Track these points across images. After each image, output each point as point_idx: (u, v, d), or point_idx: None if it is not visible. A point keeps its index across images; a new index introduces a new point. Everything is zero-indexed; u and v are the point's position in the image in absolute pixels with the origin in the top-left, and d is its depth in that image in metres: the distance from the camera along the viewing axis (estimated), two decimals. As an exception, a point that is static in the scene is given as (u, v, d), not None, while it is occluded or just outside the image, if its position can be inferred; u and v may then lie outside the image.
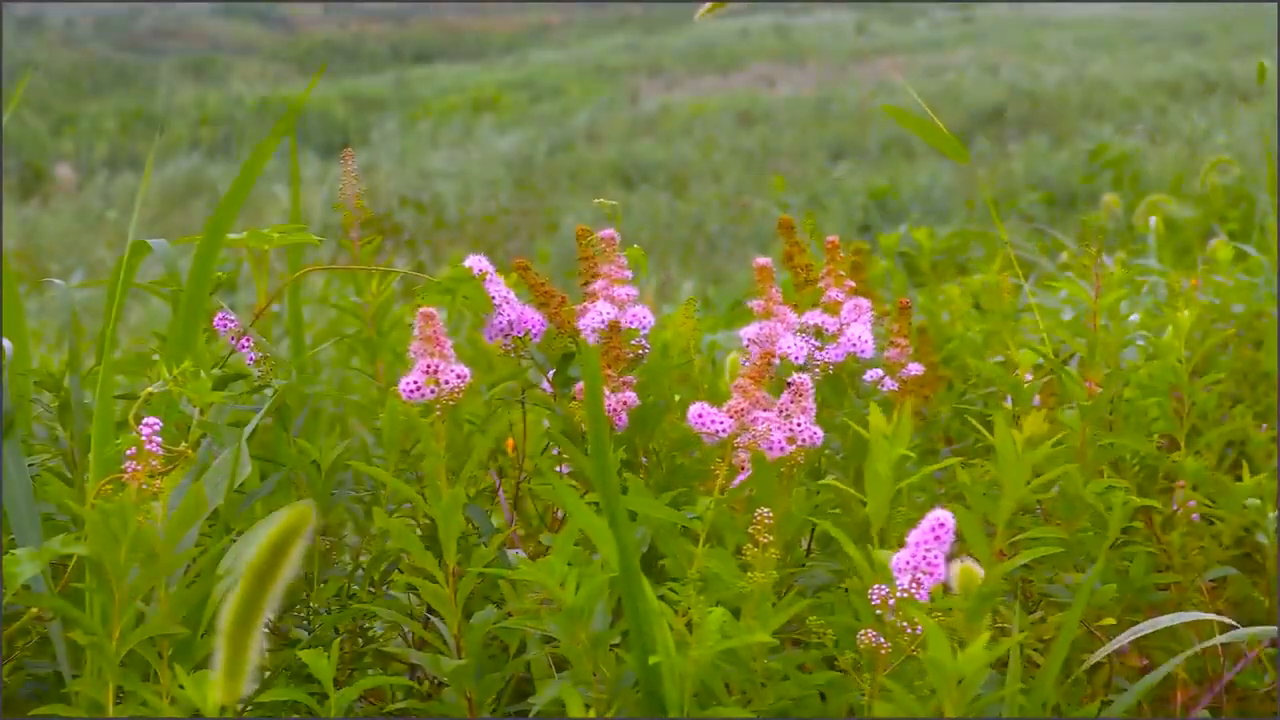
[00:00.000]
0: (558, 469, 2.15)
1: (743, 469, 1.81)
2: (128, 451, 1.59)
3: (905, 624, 1.57)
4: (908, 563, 1.56)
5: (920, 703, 1.50)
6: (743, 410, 1.75)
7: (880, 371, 2.15)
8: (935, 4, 26.29)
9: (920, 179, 13.29)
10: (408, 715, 1.97)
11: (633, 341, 2.02)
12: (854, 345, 2.10)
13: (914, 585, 1.55)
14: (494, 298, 2.03)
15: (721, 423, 1.75)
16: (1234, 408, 2.75)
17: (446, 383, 1.76)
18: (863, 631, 1.60)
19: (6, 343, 2.13)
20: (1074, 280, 2.39)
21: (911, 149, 14.79)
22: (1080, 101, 16.79)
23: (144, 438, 1.58)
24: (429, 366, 1.76)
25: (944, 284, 3.66)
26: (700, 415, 1.77)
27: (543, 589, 1.60)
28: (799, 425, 1.83)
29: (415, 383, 1.76)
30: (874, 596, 1.59)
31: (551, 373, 2.05)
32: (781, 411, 1.84)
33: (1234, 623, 1.99)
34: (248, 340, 2.10)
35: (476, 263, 2.05)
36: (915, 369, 2.16)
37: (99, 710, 1.59)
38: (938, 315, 3.33)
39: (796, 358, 2.02)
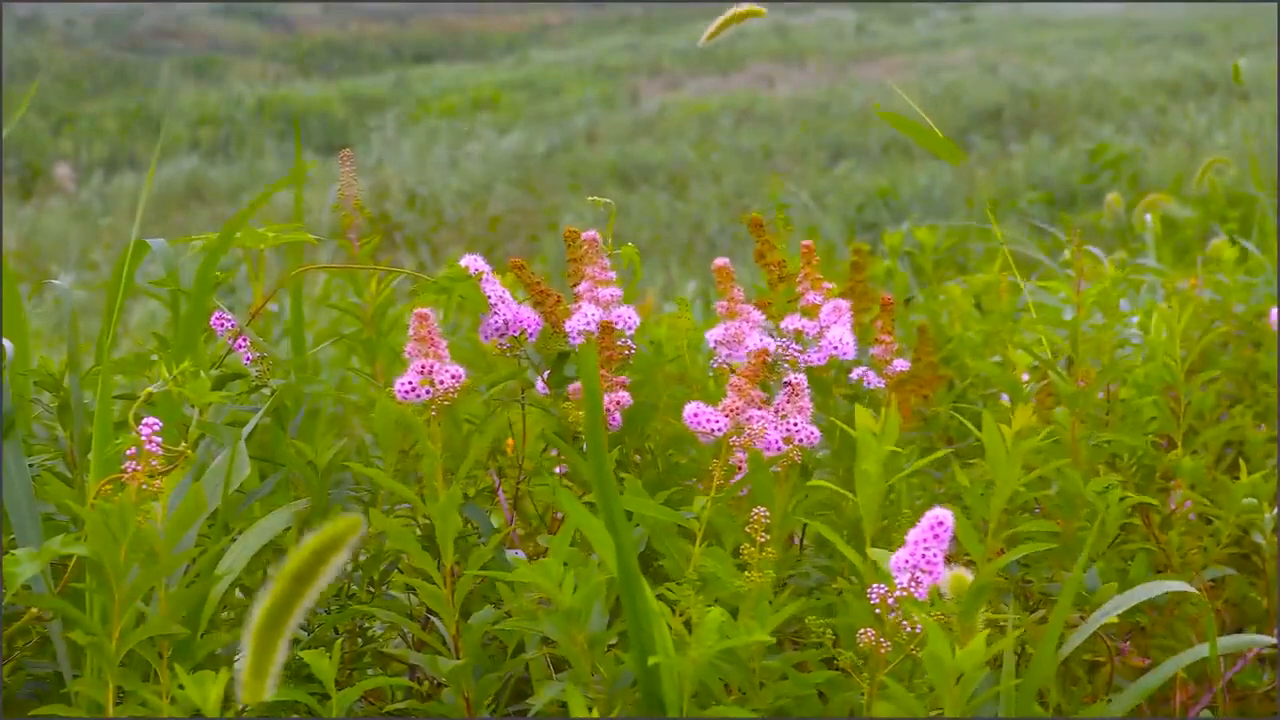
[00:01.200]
0: (556, 469, 2.15)
1: (740, 468, 1.81)
2: (128, 451, 1.59)
3: (905, 623, 1.57)
4: (906, 561, 1.56)
5: (919, 701, 1.50)
6: (738, 409, 1.75)
7: (866, 369, 2.15)
8: (935, 4, 26.28)
9: (920, 179, 13.29)
10: (407, 715, 1.97)
11: (619, 342, 2.02)
12: (835, 348, 2.08)
13: (913, 584, 1.55)
14: (490, 297, 2.03)
15: (717, 422, 1.75)
16: (1233, 408, 2.75)
17: (441, 383, 1.76)
18: (862, 630, 1.60)
19: (7, 343, 2.13)
20: (1068, 278, 2.40)
21: (911, 149, 14.79)
22: (1080, 101, 16.79)
23: (144, 438, 1.58)
24: (423, 367, 1.76)
25: (945, 283, 3.65)
26: (696, 414, 1.77)
27: (539, 590, 1.60)
28: (795, 425, 1.83)
29: (410, 383, 1.76)
30: (873, 596, 1.59)
31: (547, 373, 2.05)
32: (778, 411, 1.84)
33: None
34: (244, 340, 2.10)
35: (472, 262, 2.05)
36: (901, 365, 2.16)
37: (99, 710, 1.59)
38: (938, 315, 3.33)
39: None
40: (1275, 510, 2.21)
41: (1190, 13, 23.28)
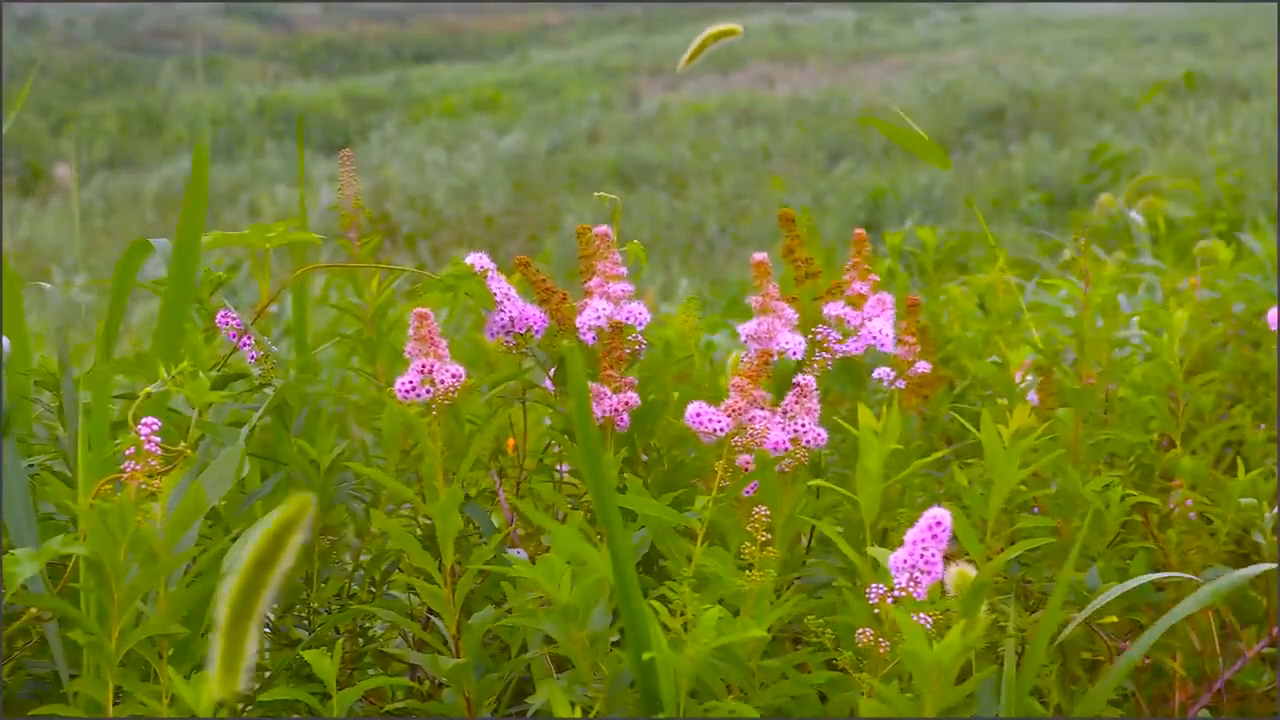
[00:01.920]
0: (559, 468, 2.15)
1: (747, 469, 1.81)
2: (126, 451, 1.59)
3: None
4: (905, 561, 1.56)
5: (913, 702, 1.50)
6: (740, 410, 1.74)
7: (889, 369, 2.15)
8: (935, 4, 26.28)
9: (920, 179, 13.29)
10: (407, 715, 1.97)
11: (629, 338, 2.02)
12: (874, 338, 2.09)
13: (911, 584, 1.55)
14: (495, 294, 2.03)
15: (719, 422, 1.75)
16: (1233, 408, 2.75)
17: (442, 382, 1.76)
18: (860, 630, 1.60)
19: (5, 342, 2.13)
20: (1069, 279, 2.40)
21: (911, 149, 14.75)
22: (1080, 101, 16.79)
23: (143, 437, 1.58)
24: (424, 366, 1.76)
25: (944, 283, 3.66)
26: (698, 414, 1.76)
27: (537, 588, 1.60)
28: (803, 426, 1.82)
29: (410, 383, 1.76)
30: (871, 595, 1.59)
31: (553, 370, 2.05)
32: (786, 412, 1.83)
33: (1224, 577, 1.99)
34: (248, 339, 2.10)
35: (477, 260, 2.05)
36: (923, 367, 2.17)
37: (98, 710, 1.59)
38: (939, 315, 3.34)
39: (794, 354, 2.01)
40: (1275, 510, 2.21)
41: (1190, 13, 23.29)
